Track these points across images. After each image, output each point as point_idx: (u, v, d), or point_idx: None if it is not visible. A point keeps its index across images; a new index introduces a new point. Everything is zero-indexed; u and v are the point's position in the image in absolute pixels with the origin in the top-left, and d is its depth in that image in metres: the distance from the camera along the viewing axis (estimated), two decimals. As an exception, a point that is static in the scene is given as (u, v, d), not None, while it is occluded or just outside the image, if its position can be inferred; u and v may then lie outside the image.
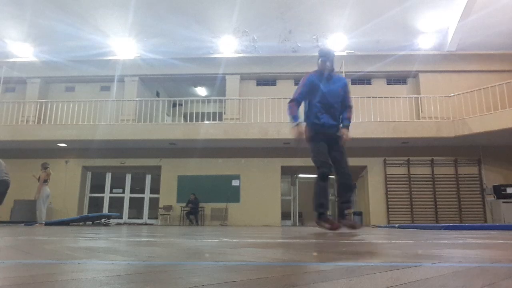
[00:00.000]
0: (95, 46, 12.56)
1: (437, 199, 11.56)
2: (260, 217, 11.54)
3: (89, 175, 13.16)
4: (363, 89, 12.93)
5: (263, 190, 11.99)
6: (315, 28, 11.96)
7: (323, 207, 3.90)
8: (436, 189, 11.65)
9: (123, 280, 0.85)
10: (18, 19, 11.71)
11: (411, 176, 11.79)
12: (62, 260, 1.28)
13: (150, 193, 13.08)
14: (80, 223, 10.35)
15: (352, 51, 12.63)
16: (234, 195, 12.06)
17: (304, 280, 0.85)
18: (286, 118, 11.51)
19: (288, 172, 13.25)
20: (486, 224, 10.12)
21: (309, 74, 4.03)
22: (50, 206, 10.21)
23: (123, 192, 13.17)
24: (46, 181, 9.01)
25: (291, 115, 3.96)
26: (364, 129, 10.86)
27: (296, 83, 13.35)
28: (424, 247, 1.98)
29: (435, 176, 11.74)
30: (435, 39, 12.20)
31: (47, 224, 8.90)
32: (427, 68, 12.58)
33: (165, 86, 14.87)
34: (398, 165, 11.91)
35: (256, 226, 9.62)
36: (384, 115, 11.20)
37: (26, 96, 13.19)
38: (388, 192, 11.76)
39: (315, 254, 1.57)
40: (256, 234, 3.75)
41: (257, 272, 0.98)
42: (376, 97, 11.68)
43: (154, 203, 12.83)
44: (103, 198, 13.12)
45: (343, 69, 12.11)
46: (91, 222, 10.67)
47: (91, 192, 13.15)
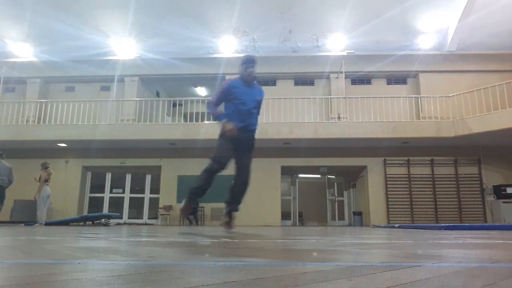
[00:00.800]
0: (95, 46, 12.56)
1: (437, 199, 11.56)
2: (260, 217, 11.53)
3: (89, 175, 13.16)
4: (363, 89, 12.94)
5: (263, 190, 11.98)
6: (315, 28, 11.96)
7: (198, 196, 4.11)
8: (436, 189, 11.64)
9: (123, 280, 0.85)
10: (18, 19, 11.72)
11: (411, 176, 11.79)
12: (62, 260, 1.28)
13: (150, 193, 13.09)
14: (80, 223, 10.35)
15: (352, 51, 12.63)
16: (234, 195, 12.03)
17: (304, 280, 0.85)
18: (286, 118, 11.57)
19: (288, 172, 13.25)
20: (486, 224, 10.12)
21: (230, 81, 4.12)
22: (50, 206, 10.19)
23: (123, 192, 13.17)
24: (47, 181, 9.00)
25: (215, 115, 4.09)
26: (364, 129, 10.86)
27: (296, 83, 13.36)
28: (424, 247, 1.98)
29: (435, 176, 11.73)
30: (435, 39, 12.20)
31: (47, 224, 8.90)
32: (427, 68, 12.58)
33: (165, 86, 14.87)
34: (398, 165, 11.91)
35: (256, 226, 9.62)
36: (384, 115, 11.20)
37: (26, 96, 13.19)
38: (388, 192, 11.76)
39: (315, 254, 1.57)
40: (256, 234, 3.75)
41: (257, 272, 0.98)
42: (376, 97, 11.68)
43: (154, 203, 12.83)
44: (103, 198, 13.13)
45: (343, 69, 12.13)
46: (91, 222, 10.67)
47: (91, 192, 13.15)
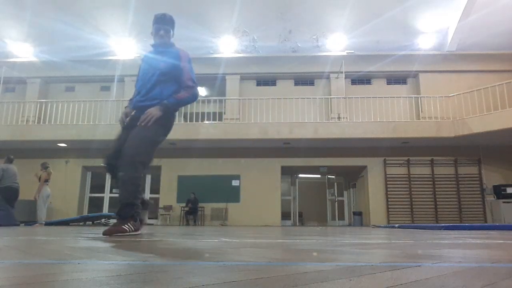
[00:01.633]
0: (95, 46, 12.56)
1: (437, 199, 11.56)
2: (260, 217, 11.54)
3: (89, 175, 13.16)
4: (363, 89, 12.94)
5: (263, 190, 11.99)
6: (315, 28, 11.97)
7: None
8: (436, 189, 11.64)
9: (123, 280, 0.85)
10: (18, 19, 11.72)
11: (411, 176, 11.79)
12: (62, 260, 1.28)
13: (150, 193, 13.08)
14: (80, 223, 10.35)
15: (352, 51, 12.63)
16: (234, 195, 12.06)
17: (304, 280, 0.85)
18: (286, 118, 11.57)
19: (288, 172, 13.25)
20: (486, 224, 10.12)
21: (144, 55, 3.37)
22: (50, 206, 10.19)
23: (123, 192, 13.16)
24: (47, 181, 8.99)
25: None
26: (364, 129, 10.87)
27: (296, 83, 13.36)
28: (424, 247, 1.98)
29: (435, 176, 11.74)
30: (435, 39, 12.21)
31: (47, 224, 8.89)
32: (427, 68, 12.58)
33: (165, 86, 14.85)
34: (398, 165, 11.91)
35: (256, 226, 9.62)
36: (384, 115, 11.20)
37: (26, 96, 13.19)
38: (388, 192, 11.76)
39: (315, 254, 1.57)
40: (256, 234, 3.75)
41: (257, 272, 0.98)
42: (376, 97, 11.68)
43: (154, 203, 12.83)
44: (103, 198, 13.12)
45: (343, 69, 12.13)
46: (91, 222, 10.68)
47: (91, 192, 13.15)
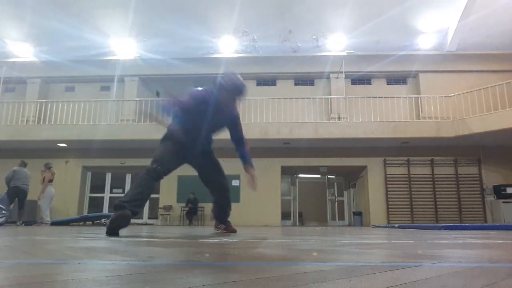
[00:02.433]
0: (95, 46, 12.56)
1: (437, 199, 11.56)
2: (260, 217, 11.53)
3: (89, 175, 13.16)
4: (363, 89, 12.94)
5: (263, 190, 11.95)
6: (315, 28, 11.96)
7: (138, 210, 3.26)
8: (436, 189, 11.64)
9: (123, 280, 0.85)
10: (18, 19, 11.71)
11: (411, 176, 11.79)
12: (62, 260, 1.28)
13: (150, 193, 13.07)
14: (80, 223, 10.35)
15: (352, 51, 12.63)
16: (234, 195, 11.92)
17: (304, 280, 0.85)
18: (286, 118, 11.56)
19: (288, 172, 13.25)
20: (486, 224, 10.12)
21: (206, 91, 3.51)
22: (50, 206, 10.20)
23: (123, 192, 13.15)
24: (51, 181, 9.05)
25: (165, 108, 3.52)
26: (364, 129, 10.86)
27: (296, 83, 13.35)
28: (424, 247, 1.98)
29: (435, 176, 11.73)
30: (435, 39, 12.20)
31: (53, 223, 9.04)
32: (427, 68, 12.58)
33: (165, 86, 14.85)
34: (398, 165, 11.91)
35: (256, 226, 9.62)
36: (384, 115, 11.20)
37: (26, 96, 13.19)
38: (388, 192, 11.75)
39: (315, 254, 1.57)
40: (256, 234, 3.75)
41: (257, 272, 0.98)
42: (376, 97, 11.68)
43: (154, 203, 12.82)
44: (103, 198, 13.12)
45: (343, 69, 12.13)
46: (91, 222, 10.67)
47: (91, 192, 13.15)
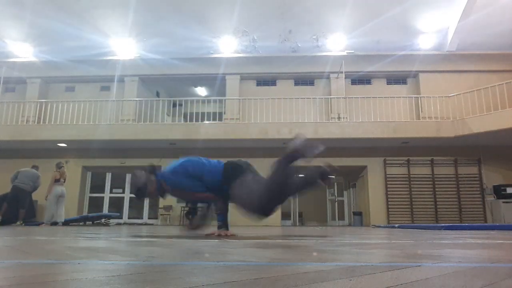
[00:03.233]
0: (95, 46, 12.55)
1: (437, 199, 11.56)
2: (260, 217, 11.52)
3: (89, 175, 13.15)
4: (363, 89, 12.94)
5: (263, 190, 11.97)
6: (315, 28, 11.96)
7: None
8: (436, 189, 11.64)
9: (123, 280, 0.85)
10: (18, 19, 11.71)
11: (411, 176, 11.79)
12: (62, 260, 1.28)
13: (150, 193, 13.06)
14: (80, 223, 10.35)
15: (352, 51, 12.63)
16: (234, 195, 12.02)
17: (304, 280, 0.85)
18: (286, 118, 11.55)
19: (288, 172, 13.23)
20: (486, 224, 10.12)
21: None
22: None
23: (123, 192, 13.16)
24: (58, 180, 9.11)
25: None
26: (364, 129, 10.86)
27: (296, 83, 13.34)
28: (424, 247, 1.98)
29: (435, 176, 11.73)
30: (435, 39, 12.20)
31: (65, 222, 9.26)
32: (427, 68, 12.57)
33: (165, 86, 14.86)
34: (398, 165, 11.91)
35: (256, 226, 9.61)
36: (384, 115, 11.19)
37: (26, 96, 13.18)
38: (388, 192, 11.75)
39: (315, 254, 1.57)
40: (256, 234, 3.75)
41: (257, 272, 0.98)
42: (376, 97, 11.67)
43: (154, 203, 12.83)
44: (103, 198, 13.12)
45: (343, 69, 12.13)
46: (91, 222, 10.68)
47: (91, 192, 13.14)
